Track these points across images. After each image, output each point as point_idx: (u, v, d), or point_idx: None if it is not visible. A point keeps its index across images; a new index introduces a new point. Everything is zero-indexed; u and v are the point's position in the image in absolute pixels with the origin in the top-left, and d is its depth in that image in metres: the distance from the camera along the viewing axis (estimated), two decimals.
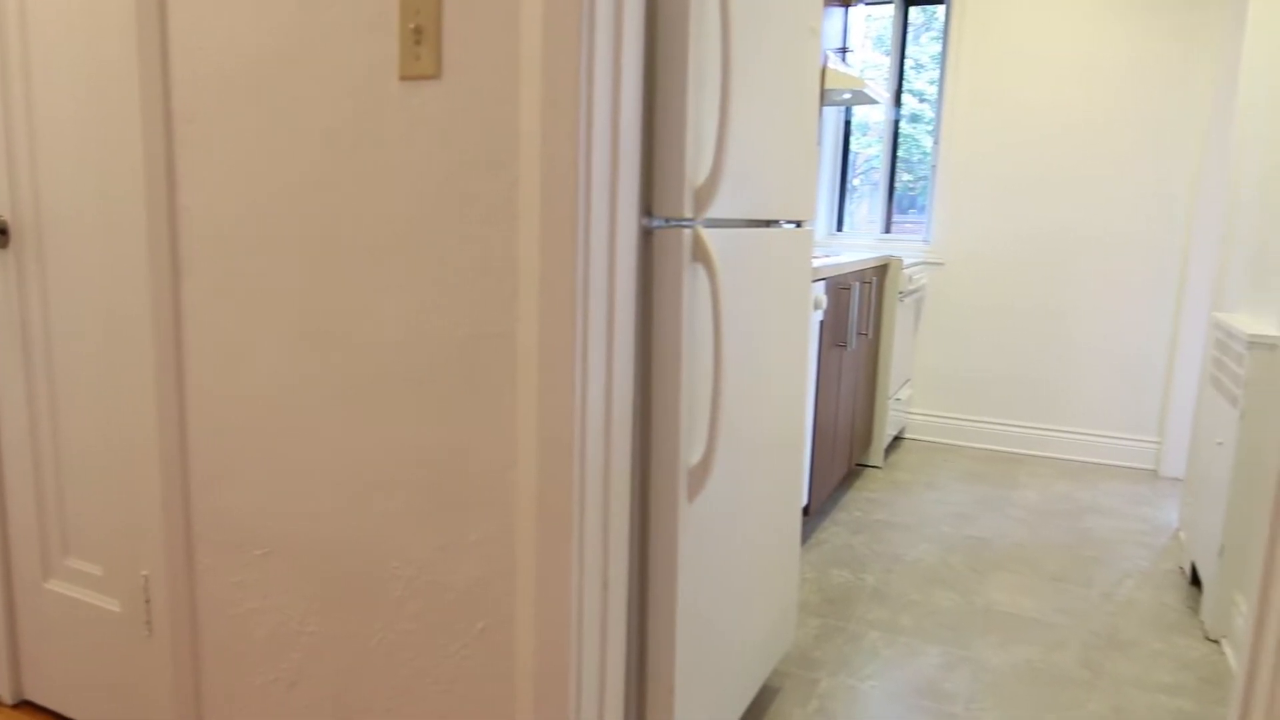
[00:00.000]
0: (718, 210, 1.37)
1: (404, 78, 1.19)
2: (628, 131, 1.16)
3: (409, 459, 1.28)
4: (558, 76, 1.07)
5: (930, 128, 4.24)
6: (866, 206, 4.50)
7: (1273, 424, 0.97)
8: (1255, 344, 2.11)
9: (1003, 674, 2.06)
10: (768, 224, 1.64)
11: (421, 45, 1.17)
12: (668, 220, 1.28)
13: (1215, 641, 2.26)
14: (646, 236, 1.28)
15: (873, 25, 4.34)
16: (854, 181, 4.57)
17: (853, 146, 4.54)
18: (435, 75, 1.17)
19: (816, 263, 2.56)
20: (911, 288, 3.81)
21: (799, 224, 1.81)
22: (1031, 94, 3.87)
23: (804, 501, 2.69)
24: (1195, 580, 2.61)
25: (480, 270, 1.18)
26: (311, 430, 1.35)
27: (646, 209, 1.27)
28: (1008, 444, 4.08)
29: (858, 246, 4.34)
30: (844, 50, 3.77)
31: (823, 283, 2.59)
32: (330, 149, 1.26)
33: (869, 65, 4.34)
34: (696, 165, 1.29)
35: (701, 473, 1.35)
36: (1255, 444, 2.13)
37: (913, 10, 4.26)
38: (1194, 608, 2.46)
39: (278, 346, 1.35)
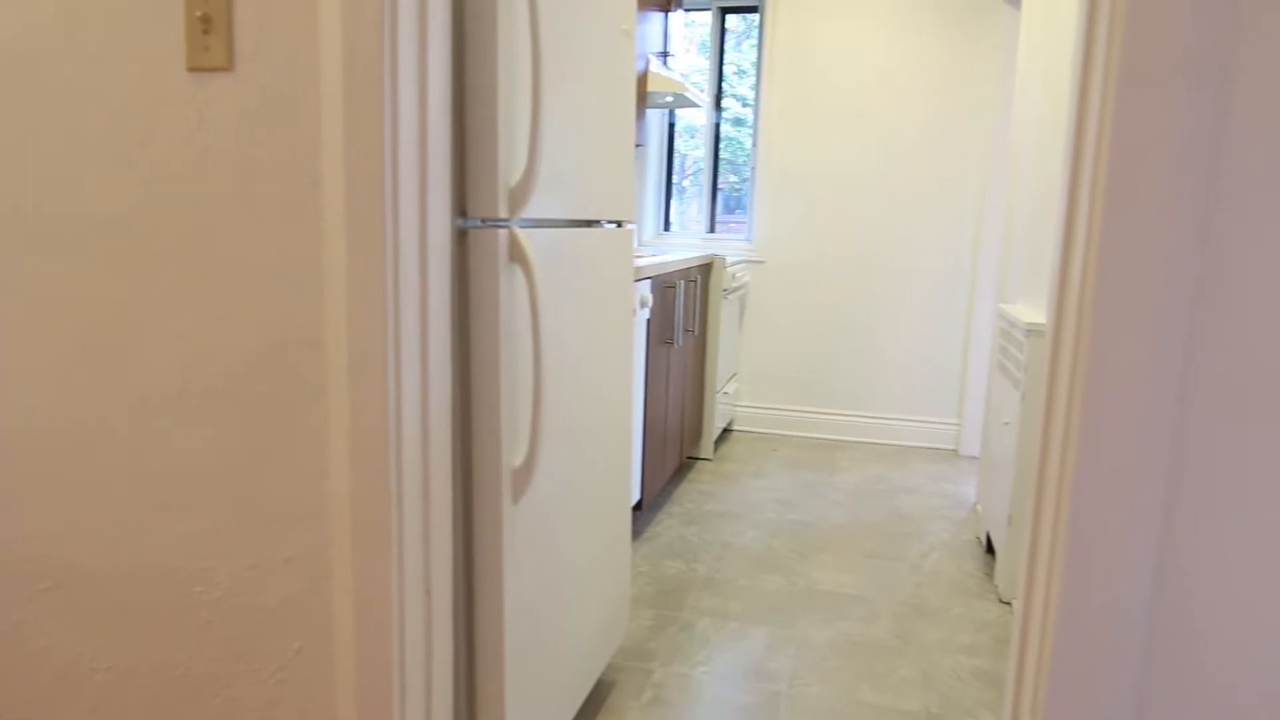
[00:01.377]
0: (535, 210, 1.37)
1: (192, 69, 1.12)
2: (436, 129, 1.14)
3: (212, 475, 1.20)
4: (360, 71, 1.03)
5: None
6: (696, 207, 4.63)
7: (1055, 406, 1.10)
8: (1032, 331, 2.33)
9: (824, 650, 2.18)
10: (588, 224, 1.66)
11: (210, 35, 1.11)
12: (483, 220, 1.27)
13: (1007, 603, 2.49)
14: (461, 237, 1.26)
15: (695, 31, 4.47)
16: (684, 183, 4.70)
17: (683, 149, 4.66)
18: (227, 67, 1.11)
19: (641, 262, 2.61)
20: (735, 285, 3.95)
21: (620, 224, 1.84)
22: (839, 102, 4.11)
23: (636, 497, 2.74)
24: (990, 549, 2.86)
25: (282, 275, 1.13)
26: (101, 449, 1.24)
27: (460, 209, 1.26)
28: (828, 431, 4.32)
29: (684, 246, 4.46)
30: (665, 54, 3.86)
31: (647, 281, 2.64)
32: (111, 145, 1.16)
33: (695, 70, 4.47)
34: (511, 165, 1.28)
35: (525, 474, 1.35)
36: (1034, 423, 2.36)
37: (733, 17, 4.42)
38: (989, 574, 2.69)
39: (58, 360, 1.23)
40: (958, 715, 1.91)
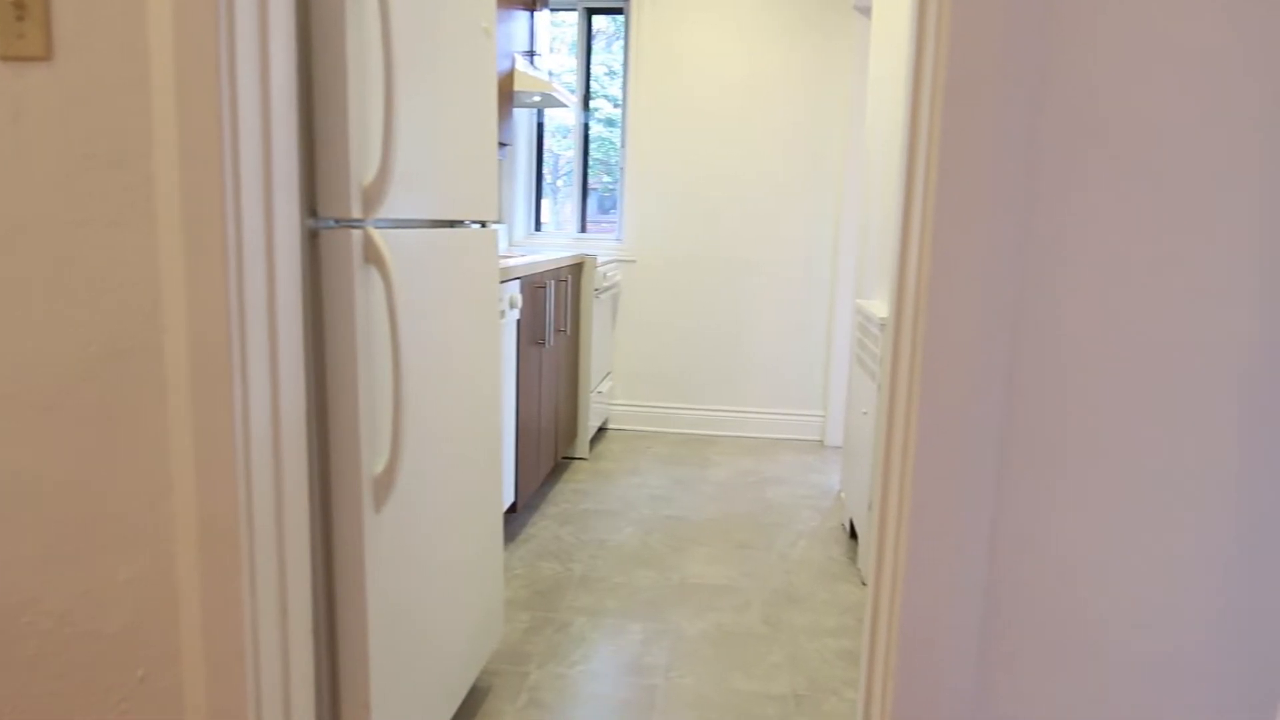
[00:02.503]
0: (392, 210, 1.34)
1: (5, 58, 1.04)
2: (281, 124, 1.09)
3: (37, 496, 1.12)
4: (193, 60, 0.98)
5: None
6: (570, 207, 4.63)
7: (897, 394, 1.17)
8: (886, 325, 2.45)
9: (697, 641, 2.23)
10: (450, 224, 1.63)
11: (25, 21, 1.03)
12: (336, 221, 1.23)
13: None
14: (313, 238, 1.22)
15: (565, 31, 4.46)
16: (557, 183, 4.68)
17: (555, 149, 4.64)
18: (45, 56, 1.03)
19: (510, 262, 2.59)
20: (606, 285, 3.97)
21: (484, 224, 1.82)
22: (703, 104, 4.20)
23: (510, 499, 2.72)
24: (854, 534, 2.99)
25: (112, 279, 1.06)
26: None
27: (311, 210, 1.21)
28: (702, 427, 4.40)
29: (555, 246, 4.45)
30: (532, 54, 3.84)
31: (516, 282, 2.62)
32: None
33: (566, 70, 4.46)
34: (364, 163, 1.25)
35: (387, 481, 1.32)
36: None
37: (603, 18, 4.44)
38: (853, 558, 2.81)
39: None
40: (823, 695, 1.99)
